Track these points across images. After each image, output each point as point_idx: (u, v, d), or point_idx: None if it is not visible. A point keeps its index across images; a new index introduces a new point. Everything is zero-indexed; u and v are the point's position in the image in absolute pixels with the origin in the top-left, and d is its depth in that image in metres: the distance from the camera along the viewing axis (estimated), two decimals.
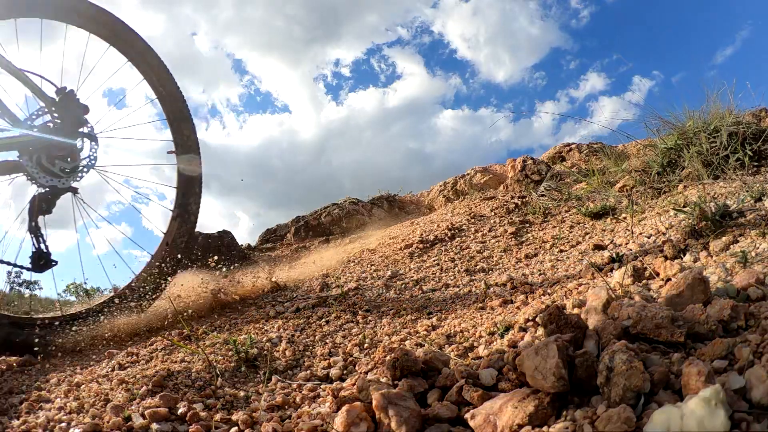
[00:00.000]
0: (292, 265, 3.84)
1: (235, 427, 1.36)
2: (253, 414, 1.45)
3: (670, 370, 1.00)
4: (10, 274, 3.14)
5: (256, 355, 2.00)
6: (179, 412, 1.45)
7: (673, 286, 1.39)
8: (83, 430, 1.33)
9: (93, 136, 2.58)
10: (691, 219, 2.21)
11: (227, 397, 1.65)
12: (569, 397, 1.04)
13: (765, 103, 3.90)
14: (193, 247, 3.08)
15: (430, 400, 1.28)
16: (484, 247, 3.41)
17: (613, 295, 1.43)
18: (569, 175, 4.86)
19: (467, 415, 1.12)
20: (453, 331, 1.95)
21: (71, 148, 2.48)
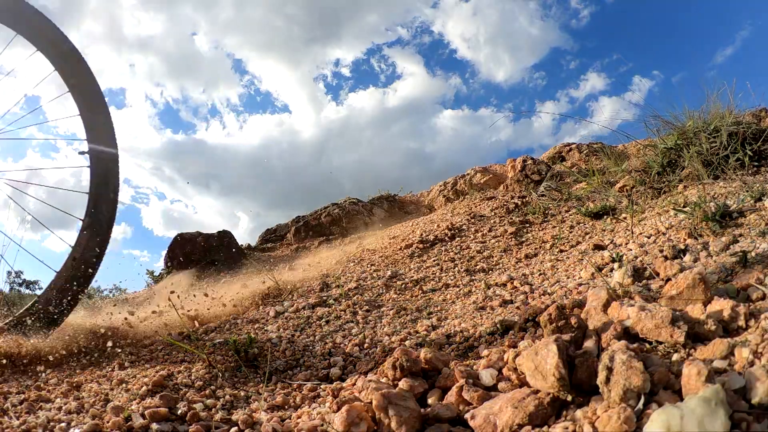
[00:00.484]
0: (267, 276, 3.45)
1: (235, 427, 1.36)
2: (253, 414, 1.45)
3: (670, 370, 1.00)
4: (9, 274, 3.12)
5: (256, 355, 2.00)
6: (179, 412, 1.45)
7: (673, 286, 1.39)
8: (83, 430, 1.33)
9: None
10: (691, 219, 2.21)
11: (227, 397, 1.65)
12: (569, 397, 1.04)
13: (765, 103, 3.90)
14: (98, 264, 2.54)
15: (430, 400, 1.28)
16: (484, 247, 3.41)
17: (613, 295, 1.43)
18: (569, 175, 4.86)
19: (467, 415, 1.12)
20: (453, 331, 1.95)
21: None
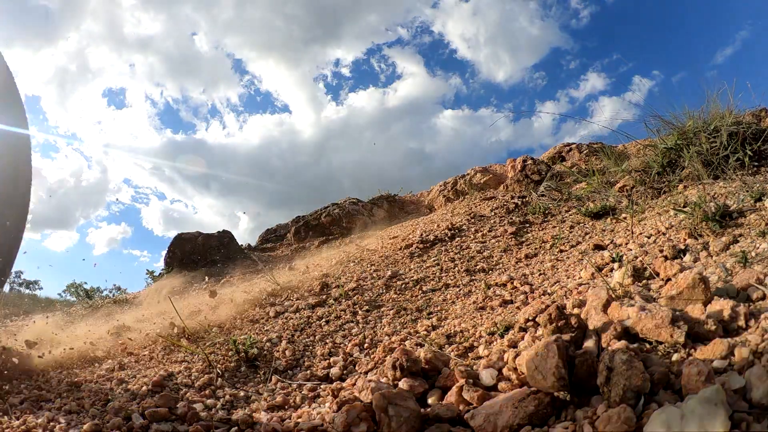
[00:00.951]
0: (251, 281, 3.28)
1: (235, 427, 1.36)
2: (253, 414, 1.46)
3: (670, 370, 1.00)
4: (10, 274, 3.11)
5: (256, 355, 2.00)
6: (179, 412, 1.45)
7: (673, 286, 1.39)
8: (83, 430, 1.33)
9: None
10: (691, 219, 2.21)
11: (227, 397, 1.65)
12: (569, 397, 1.04)
13: (765, 103, 3.89)
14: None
15: (430, 400, 1.28)
16: (484, 247, 3.41)
17: (613, 295, 1.43)
18: (569, 175, 4.86)
19: (467, 415, 1.12)
20: (453, 331, 1.95)
21: None
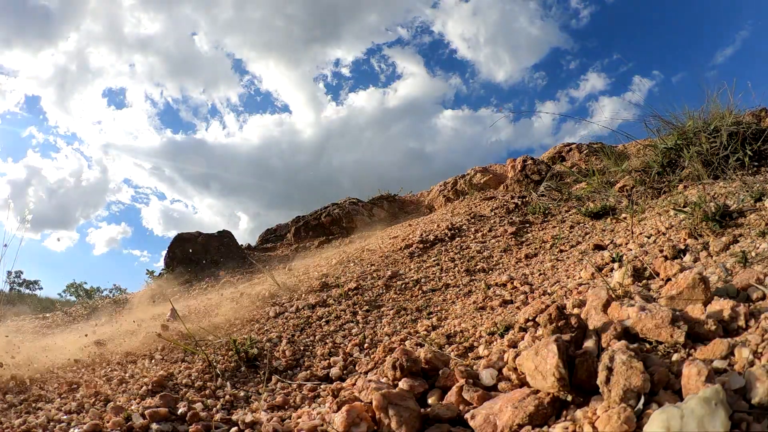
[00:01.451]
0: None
1: (235, 427, 1.36)
2: (253, 414, 1.46)
3: (670, 370, 1.00)
4: (9, 273, 3.11)
5: (256, 355, 2.00)
6: (179, 412, 1.45)
7: (673, 286, 1.39)
8: (83, 430, 1.33)
9: None
10: (691, 219, 2.21)
11: (227, 397, 1.65)
12: (569, 397, 1.04)
13: (765, 103, 3.89)
14: None
15: (430, 400, 1.28)
16: (484, 247, 3.41)
17: (613, 295, 1.43)
18: (569, 175, 4.86)
19: (467, 415, 1.12)
20: (453, 331, 1.95)
21: None
